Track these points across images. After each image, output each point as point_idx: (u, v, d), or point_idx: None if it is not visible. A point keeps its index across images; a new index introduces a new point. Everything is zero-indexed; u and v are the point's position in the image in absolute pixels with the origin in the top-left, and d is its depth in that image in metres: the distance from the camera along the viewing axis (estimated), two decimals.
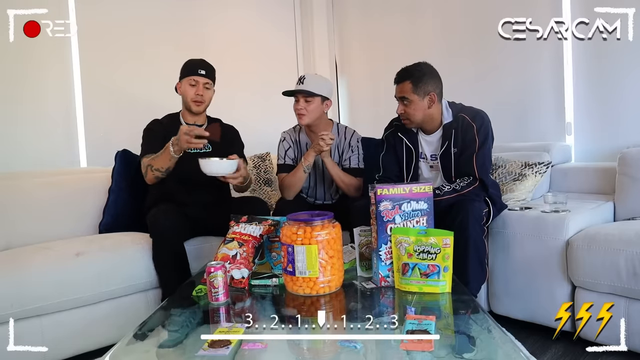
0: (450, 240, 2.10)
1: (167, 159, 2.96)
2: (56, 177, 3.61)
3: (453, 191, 2.79)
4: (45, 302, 2.64)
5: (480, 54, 4.46)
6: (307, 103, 3.28)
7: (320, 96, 3.30)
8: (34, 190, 3.44)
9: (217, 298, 2.12)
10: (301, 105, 3.29)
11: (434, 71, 2.98)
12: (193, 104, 3.20)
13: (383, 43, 5.35)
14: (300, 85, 3.29)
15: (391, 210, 2.18)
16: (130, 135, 3.71)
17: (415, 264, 2.11)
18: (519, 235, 2.94)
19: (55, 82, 4.15)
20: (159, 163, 3.01)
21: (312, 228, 2.11)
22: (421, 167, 3.13)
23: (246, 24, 5.38)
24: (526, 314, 2.96)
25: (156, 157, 3.02)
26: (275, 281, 2.32)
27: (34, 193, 3.42)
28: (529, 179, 3.40)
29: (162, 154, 2.98)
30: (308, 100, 3.28)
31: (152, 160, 3.04)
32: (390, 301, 2.13)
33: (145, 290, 2.99)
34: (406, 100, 2.93)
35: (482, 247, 2.73)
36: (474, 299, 2.14)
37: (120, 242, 3.06)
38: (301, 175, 3.32)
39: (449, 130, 2.95)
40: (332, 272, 2.13)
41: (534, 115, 4.13)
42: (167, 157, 2.95)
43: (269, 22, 5.60)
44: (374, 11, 5.42)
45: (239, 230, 2.50)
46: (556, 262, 2.79)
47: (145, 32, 4.62)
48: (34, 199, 3.39)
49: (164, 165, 2.99)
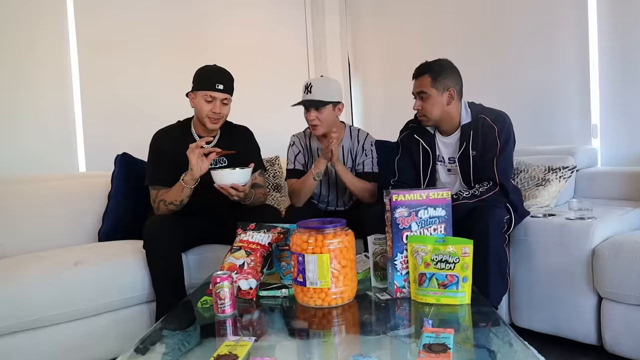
0: (469, 248, 2.09)
1: (180, 190, 2.92)
2: (53, 182, 3.63)
3: (472, 196, 2.79)
4: (41, 315, 2.63)
5: (501, 52, 4.46)
6: (318, 112, 3.28)
7: (332, 102, 3.31)
8: (30, 195, 3.45)
9: (224, 310, 2.11)
10: (313, 115, 3.29)
11: (454, 67, 3.00)
12: (208, 120, 3.06)
13: (399, 41, 5.35)
14: (309, 94, 3.29)
15: (407, 217, 2.17)
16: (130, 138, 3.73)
17: (432, 274, 2.11)
18: (542, 244, 2.94)
19: (53, 83, 4.18)
20: (171, 197, 2.97)
21: (323, 236, 2.11)
22: (439, 171, 3.13)
23: (253, 24, 5.41)
24: (550, 326, 2.95)
25: (168, 192, 2.98)
26: (284, 292, 2.31)
27: (30, 198, 3.44)
28: (553, 184, 3.39)
29: (175, 188, 2.95)
30: (319, 109, 3.28)
31: (165, 195, 2.99)
32: (406, 313, 2.12)
33: (148, 302, 2.99)
34: (424, 95, 2.95)
35: (503, 256, 2.73)
36: (495, 310, 2.13)
37: (120, 250, 3.07)
38: (311, 183, 3.32)
39: (468, 131, 2.95)
40: (344, 283, 2.13)
41: (558, 117, 4.12)
42: (180, 189, 2.92)
43: (277, 21, 5.62)
44: (389, 7, 5.43)
45: (246, 239, 2.48)
46: (581, 272, 2.78)
47: (146, 34, 4.66)
48: (29, 204, 3.41)
49: (178, 198, 2.95)
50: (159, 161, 3.11)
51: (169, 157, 3.07)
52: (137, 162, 3.66)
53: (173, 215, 3.01)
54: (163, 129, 3.23)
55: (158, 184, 3.05)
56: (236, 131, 3.33)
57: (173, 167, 3.00)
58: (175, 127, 3.24)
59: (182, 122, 3.27)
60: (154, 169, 3.12)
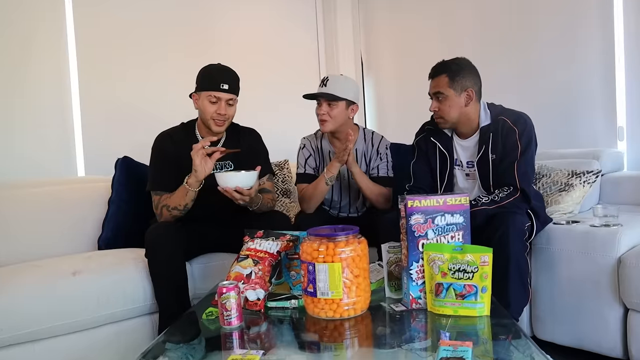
0: (488, 257, 2.09)
1: (184, 194, 2.91)
2: (50, 187, 3.63)
3: (492, 202, 2.78)
4: (38, 327, 2.62)
5: (523, 51, 4.45)
6: (330, 108, 3.28)
7: (345, 100, 3.30)
8: (25, 201, 3.46)
9: (230, 322, 2.11)
10: (324, 110, 3.28)
11: (473, 67, 3.00)
12: (213, 122, 3.04)
13: (415, 38, 5.35)
14: (323, 87, 3.29)
15: (423, 224, 2.18)
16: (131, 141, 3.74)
17: (450, 284, 2.11)
18: (566, 252, 2.93)
19: (50, 82, 4.20)
20: (175, 201, 2.95)
21: (335, 244, 2.11)
22: (456, 176, 3.14)
23: (260, 20, 5.41)
24: (573, 339, 2.95)
25: (171, 196, 2.97)
26: (294, 303, 2.31)
27: (25, 204, 3.44)
28: (577, 189, 3.38)
29: (178, 192, 2.94)
30: (331, 105, 3.27)
31: (168, 199, 2.98)
32: (422, 325, 2.12)
33: (150, 313, 2.98)
34: (441, 96, 2.95)
35: (524, 265, 2.73)
36: (515, 322, 2.13)
37: (121, 259, 3.06)
38: (323, 188, 3.32)
39: (487, 133, 2.95)
40: (357, 293, 2.13)
41: (582, 119, 4.12)
42: (184, 193, 2.91)
43: (286, 17, 5.62)
44: (405, 2, 5.44)
45: (254, 247, 2.49)
46: (607, 282, 2.77)
47: (148, 32, 4.68)
48: (25, 211, 3.41)
49: (182, 203, 2.93)
50: (161, 165, 3.10)
51: (172, 161, 3.06)
52: (138, 166, 3.67)
53: (176, 221, 3.00)
54: (166, 131, 3.22)
55: (161, 189, 3.04)
56: (243, 134, 3.32)
57: (176, 171, 2.98)
58: (178, 130, 3.23)
59: (186, 124, 3.26)
60: (156, 173, 3.11)
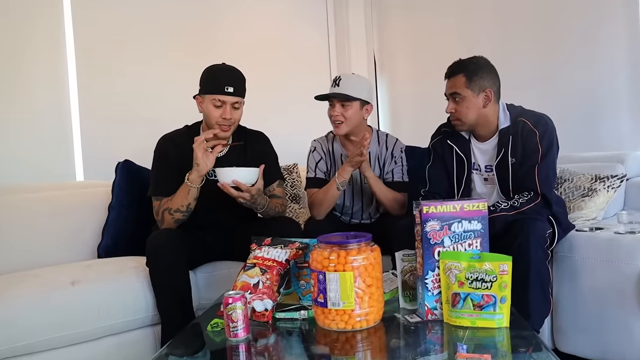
0: (508, 266, 2.09)
1: (186, 192, 2.90)
2: (47, 192, 3.64)
3: (511, 208, 2.79)
4: (34, 339, 2.61)
5: (544, 49, 4.45)
6: (344, 109, 3.28)
7: (360, 100, 3.31)
8: (22, 207, 3.47)
9: (236, 334, 2.11)
10: (337, 111, 3.29)
11: (491, 66, 3.00)
12: (218, 127, 3.01)
13: (430, 37, 5.36)
14: (336, 87, 3.29)
15: (439, 231, 2.18)
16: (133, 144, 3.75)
17: (467, 294, 2.11)
18: (589, 260, 2.93)
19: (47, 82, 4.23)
20: (177, 202, 2.95)
21: (346, 252, 2.11)
22: (474, 180, 3.14)
23: (268, 17, 5.42)
24: (597, 351, 2.94)
25: (172, 198, 2.96)
26: (303, 314, 2.32)
27: (22, 210, 3.45)
28: (600, 194, 3.38)
29: (179, 192, 2.94)
30: (345, 105, 3.28)
31: (169, 202, 2.97)
32: (438, 337, 2.12)
33: (152, 324, 2.99)
34: (458, 97, 2.95)
35: (545, 274, 2.73)
36: (536, 334, 2.13)
37: (122, 268, 3.06)
38: (334, 193, 3.32)
39: (506, 136, 2.96)
40: (370, 304, 2.13)
41: (606, 120, 4.12)
42: (186, 191, 2.90)
43: (295, 14, 5.63)
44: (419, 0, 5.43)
45: (261, 255, 2.48)
46: (632, 292, 2.76)
47: (149, 31, 4.70)
48: (21, 217, 3.42)
49: (184, 202, 2.93)
50: (164, 170, 3.09)
51: (175, 166, 3.05)
52: (140, 170, 3.68)
53: (179, 228, 3.00)
54: (169, 134, 3.21)
55: (162, 194, 3.03)
56: (251, 137, 3.31)
57: (179, 176, 2.96)
58: (182, 133, 3.22)
59: (190, 127, 3.26)
60: (158, 178, 3.10)
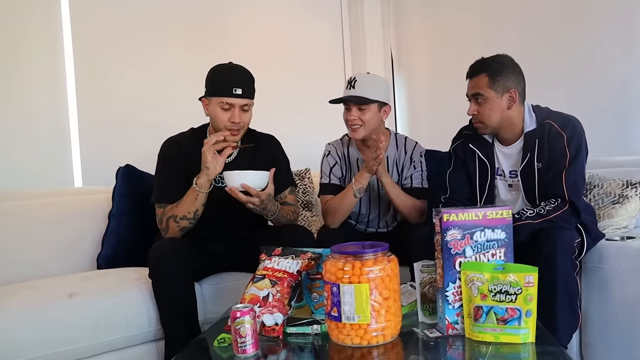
0: (533, 277, 2.09)
1: (193, 198, 2.89)
2: (44, 199, 3.65)
3: (537, 216, 2.78)
4: (29, 355, 2.60)
5: (570, 46, 4.44)
6: (361, 112, 3.27)
7: (377, 102, 3.30)
8: (17, 214, 3.48)
9: (245, 350, 2.10)
10: (354, 115, 3.28)
11: (516, 65, 2.99)
12: (227, 131, 2.96)
13: (450, 33, 5.36)
14: (352, 90, 3.27)
15: (461, 240, 2.18)
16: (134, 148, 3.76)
17: (490, 308, 2.11)
18: (620, 272, 2.91)
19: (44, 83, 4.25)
20: (183, 209, 2.93)
21: (362, 263, 2.10)
22: (498, 187, 3.14)
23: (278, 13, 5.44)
24: None
25: (178, 205, 2.94)
26: (316, 329, 2.31)
27: (17, 218, 3.46)
28: (632, 201, 3.37)
29: (186, 197, 2.92)
30: (362, 109, 3.27)
31: (174, 209, 2.95)
32: (459, 353, 2.12)
33: (155, 340, 3.00)
34: (480, 98, 2.94)
35: (573, 286, 2.72)
36: (564, 350, 2.12)
37: (123, 279, 3.07)
38: (350, 201, 3.31)
39: (532, 140, 2.95)
40: (387, 318, 2.12)
41: (638, 122, 4.10)
42: (193, 197, 2.89)
43: (307, 9, 5.64)
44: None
45: (271, 266, 2.48)
46: None
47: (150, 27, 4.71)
48: (16, 225, 3.43)
49: (191, 209, 2.91)
50: (168, 175, 3.08)
51: (180, 171, 3.04)
52: (142, 175, 3.70)
53: (184, 237, 2.99)
54: (174, 137, 3.20)
55: (167, 201, 3.01)
56: (261, 141, 3.29)
57: (185, 182, 2.96)
58: (188, 136, 3.21)
59: (197, 129, 3.25)
60: (162, 183, 3.09)
